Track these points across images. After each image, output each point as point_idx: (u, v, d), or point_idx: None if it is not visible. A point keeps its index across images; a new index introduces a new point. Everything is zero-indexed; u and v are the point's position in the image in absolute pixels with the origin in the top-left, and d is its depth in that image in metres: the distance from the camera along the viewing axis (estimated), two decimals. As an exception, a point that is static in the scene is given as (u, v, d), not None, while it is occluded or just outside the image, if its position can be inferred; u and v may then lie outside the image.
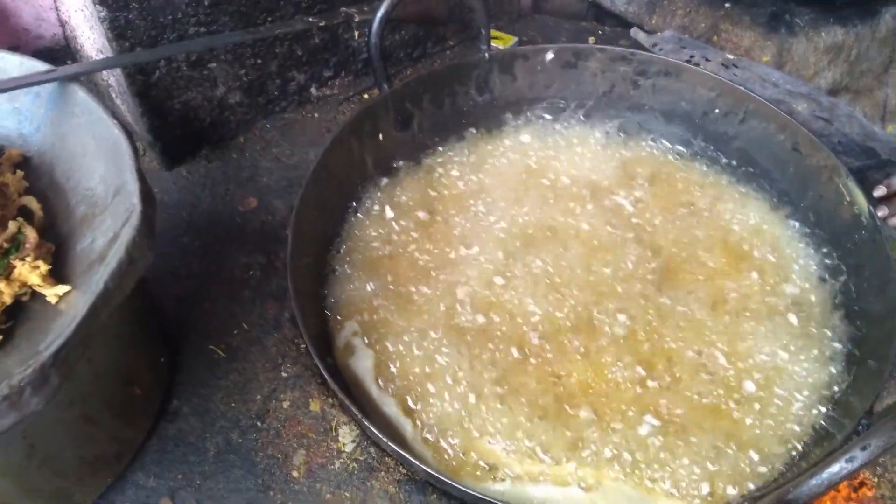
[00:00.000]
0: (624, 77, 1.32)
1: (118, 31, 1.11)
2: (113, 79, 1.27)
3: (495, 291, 1.07)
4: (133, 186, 0.79)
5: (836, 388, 0.95)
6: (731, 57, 1.51)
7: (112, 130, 0.84)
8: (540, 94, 1.36)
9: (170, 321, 1.07)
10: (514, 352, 1.00)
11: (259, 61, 1.31)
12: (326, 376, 0.88)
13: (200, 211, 1.24)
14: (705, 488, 0.86)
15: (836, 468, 0.68)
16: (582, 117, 1.35)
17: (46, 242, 0.82)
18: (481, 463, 0.89)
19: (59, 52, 1.48)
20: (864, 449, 0.67)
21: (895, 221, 1.07)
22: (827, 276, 1.08)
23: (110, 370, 0.86)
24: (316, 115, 1.43)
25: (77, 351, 0.66)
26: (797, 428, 0.92)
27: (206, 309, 1.09)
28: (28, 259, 0.78)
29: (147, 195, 0.79)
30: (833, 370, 0.97)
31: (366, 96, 1.47)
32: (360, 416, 0.85)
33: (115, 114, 0.86)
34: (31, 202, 0.86)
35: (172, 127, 1.28)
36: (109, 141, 0.84)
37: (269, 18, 1.26)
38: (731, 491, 0.86)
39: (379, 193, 1.23)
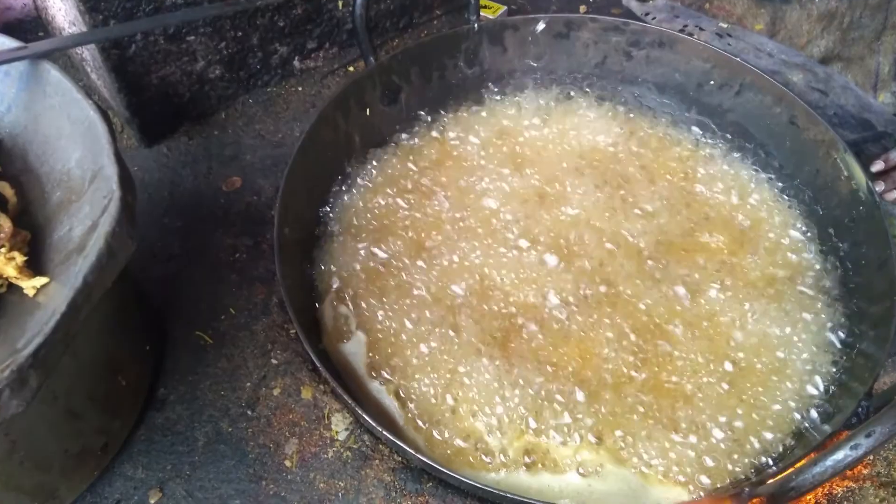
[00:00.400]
0: (617, 48, 1.28)
1: (91, 2, 1.05)
2: (87, 53, 1.21)
3: (487, 267, 1.05)
4: (111, 171, 0.75)
5: (834, 369, 0.94)
6: (724, 26, 1.48)
7: (87, 112, 0.80)
8: (531, 65, 1.32)
9: (153, 307, 1.04)
10: (507, 330, 0.98)
11: (240, 34, 1.25)
12: (318, 365, 0.86)
13: (182, 190, 1.20)
14: (703, 474, 0.85)
15: (841, 455, 0.66)
16: (574, 89, 1.32)
17: (22, 231, 0.78)
18: (477, 448, 0.88)
19: (29, 23, 1.42)
20: (868, 436, 0.65)
21: (893, 195, 1.05)
22: (824, 253, 1.07)
23: (94, 362, 0.83)
24: (300, 88, 1.39)
25: (57, 349, 0.63)
26: (796, 410, 0.91)
27: (191, 293, 1.06)
28: (3, 250, 0.74)
29: (126, 181, 0.75)
30: (831, 350, 0.96)
31: (351, 69, 1.43)
32: (353, 405, 0.84)
33: (89, 94, 0.82)
34: (5, 188, 0.82)
35: (150, 103, 1.23)
36: (85, 123, 0.80)
37: (250, -12, 1.21)
38: (731, 473, 0.85)
39: (367, 170, 1.19)
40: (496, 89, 1.32)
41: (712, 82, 1.23)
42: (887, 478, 0.99)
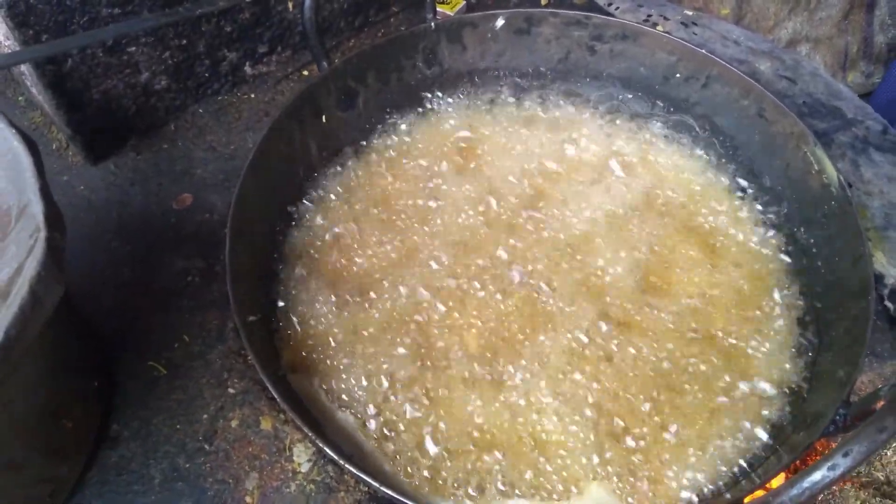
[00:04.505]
0: (579, 43, 1.24)
1: (19, 18, 0.99)
2: (25, 66, 1.15)
3: (455, 287, 1.01)
4: (37, 208, 0.70)
5: (808, 374, 0.91)
6: (690, 13, 1.44)
7: (10, 142, 0.75)
8: (492, 63, 1.27)
9: (102, 337, 0.99)
10: (477, 356, 0.94)
11: (184, 41, 1.19)
12: (274, 393, 0.81)
13: (131, 211, 1.14)
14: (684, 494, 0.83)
15: (818, 476, 0.63)
16: (537, 87, 1.27)
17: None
18: (448, 476, 0.84)
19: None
20: (846, 455, 0.63)
21: None
22: (796, 251, 1.04)
23: (33, 409, 0.78)
24: (252, 95, 1.33)
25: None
26: (769, 418, 0.88)
27: (143, 322, 1.01)
28: (-78, 298, 0.69)
29: (53, 219, 0.70)
30: (804, 355, 0.93)
31: (306, 73, 1.37)
32: (313, 436, 0.79)
33: (12, 122, 0.76)
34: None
35: (94, 118, 1.17)
36: (7, 155, 0.74)
37: (191, -6, 1.15)
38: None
39: (326, 181, 1.14)
40: (458, 89, 1.27)
41: (678, 75, 1.19)
42: (868, 477, 0.97)
